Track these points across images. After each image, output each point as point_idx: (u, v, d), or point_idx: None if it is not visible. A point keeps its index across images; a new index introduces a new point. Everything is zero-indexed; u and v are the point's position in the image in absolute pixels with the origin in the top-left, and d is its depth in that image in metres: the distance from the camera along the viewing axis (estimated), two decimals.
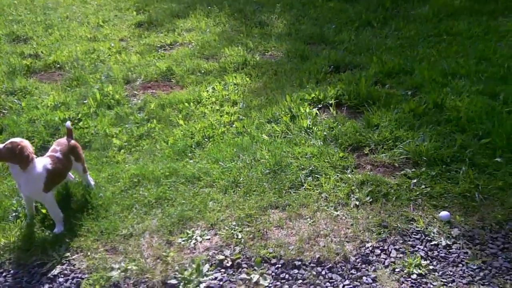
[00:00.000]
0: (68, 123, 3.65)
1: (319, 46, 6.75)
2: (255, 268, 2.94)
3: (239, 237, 3.18)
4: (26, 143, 3.16)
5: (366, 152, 4.01)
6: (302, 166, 3.84)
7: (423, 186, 3.55)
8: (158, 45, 7.09)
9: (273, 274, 2.90)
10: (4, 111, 5.10)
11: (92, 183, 3.71)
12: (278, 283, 2.84)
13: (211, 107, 4.96)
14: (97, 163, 4.07)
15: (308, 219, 3.31)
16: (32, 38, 7.63)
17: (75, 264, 3.06)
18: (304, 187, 3.63)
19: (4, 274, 3.04)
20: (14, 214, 3.51)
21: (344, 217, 3.31)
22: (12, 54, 6.79)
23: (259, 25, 7.85)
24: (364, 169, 3.80)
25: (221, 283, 2.86)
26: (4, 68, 6.20)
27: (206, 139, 4.36)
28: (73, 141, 3.58)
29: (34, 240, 3.25)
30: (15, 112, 5.02)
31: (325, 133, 4.26)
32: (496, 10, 7.48)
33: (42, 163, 3.25)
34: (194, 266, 2.96)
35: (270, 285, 2.83)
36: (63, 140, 3.55)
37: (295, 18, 8.08)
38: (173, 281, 2.88)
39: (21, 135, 4.43)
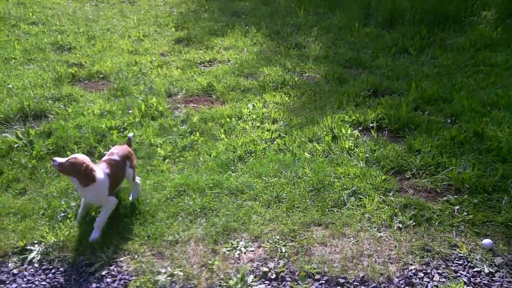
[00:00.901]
0: (131, 135, 3.88)
1: (356, 70, 6.83)
2: (299, 282, 2.98)
3: (283, 251, 3.23)
4: (88, 161, 3.24)
5: (408, 176, 4.04)
6: (345, 186, 3.89)
7: (465, 213, 3.56)
8: (198, 61, 7.25)
9: None
10: (51, 115, 5.28)
11: (138, 191, 3.80)
12: None
13: (252, 123, 5.06)
14: (142, 171, 4.18)
15: (352, 238, 3.35)
16: (76, 48, 7.87)
17: (122, 266, 3.16)
18: (347, 206, 3.67)
19: (53, 271, 3.16)
20: (62, 214, 3.63)
21: (387, 239, 3.34)
22: (57, 62, 7.03)
23: (296, 47, 7.97)
24: (407, 193, 3.83)
25: None
26: (51, 75, 6.43)
27: (248, 154, 4.45)
28: (131, 149, 3.73)
29: (83, 241, 3.35)
30: (61, 117, 5.19)
31: (367, 155, 4.31)
32: None
33: (100, 169, 3.35)
34: (238, 276, 3.02)
35: None
36: (122, 145, 3.70)
37: (332, 41, 8.18)
38: None
39: (69, 140, 4.59)
